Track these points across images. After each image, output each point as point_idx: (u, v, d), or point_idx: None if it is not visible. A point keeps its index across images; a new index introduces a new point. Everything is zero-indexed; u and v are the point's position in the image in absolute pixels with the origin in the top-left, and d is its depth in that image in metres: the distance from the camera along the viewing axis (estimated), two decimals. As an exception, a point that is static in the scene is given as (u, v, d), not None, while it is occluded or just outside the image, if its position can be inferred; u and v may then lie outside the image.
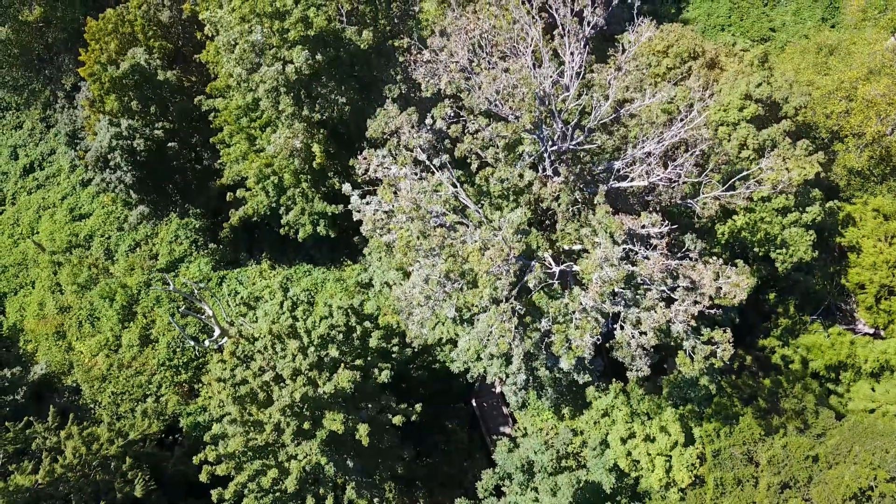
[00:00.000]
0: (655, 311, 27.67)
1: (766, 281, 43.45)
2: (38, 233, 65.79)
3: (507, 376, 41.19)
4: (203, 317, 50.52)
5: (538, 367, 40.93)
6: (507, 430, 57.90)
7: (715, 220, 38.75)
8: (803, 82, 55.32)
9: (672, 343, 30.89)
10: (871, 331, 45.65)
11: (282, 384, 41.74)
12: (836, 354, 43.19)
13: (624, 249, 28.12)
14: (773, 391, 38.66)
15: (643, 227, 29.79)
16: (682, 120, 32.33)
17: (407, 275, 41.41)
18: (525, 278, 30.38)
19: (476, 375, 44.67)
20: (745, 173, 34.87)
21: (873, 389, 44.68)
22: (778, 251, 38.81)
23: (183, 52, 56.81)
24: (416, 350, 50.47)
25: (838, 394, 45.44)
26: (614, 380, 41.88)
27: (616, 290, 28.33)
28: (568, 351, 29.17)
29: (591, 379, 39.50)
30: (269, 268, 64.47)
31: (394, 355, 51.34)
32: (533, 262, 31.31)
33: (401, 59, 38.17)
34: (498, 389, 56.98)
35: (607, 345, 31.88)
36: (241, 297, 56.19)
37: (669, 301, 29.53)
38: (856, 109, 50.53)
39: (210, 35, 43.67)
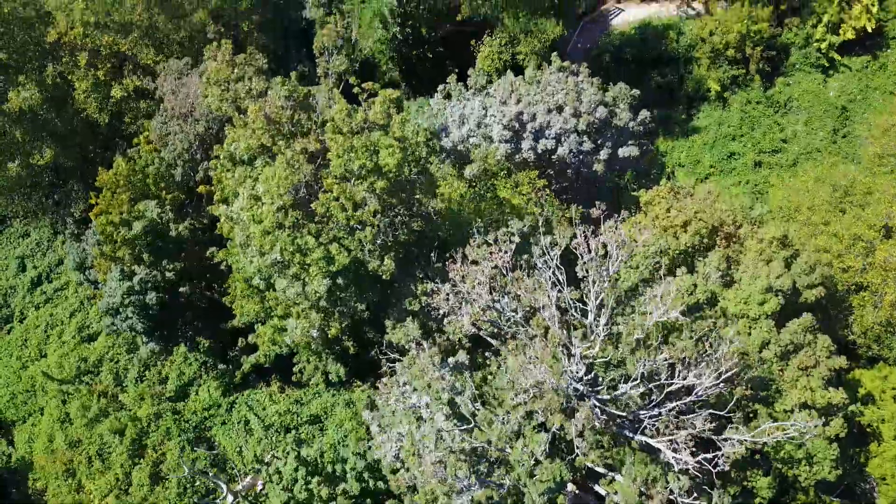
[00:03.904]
0: None
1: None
2: (45, 355, 65.36)
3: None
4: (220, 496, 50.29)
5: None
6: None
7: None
8: (818, 222, 55.05)
9: None
10: (892, 514, 45.32)
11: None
12: (856, 539, 42.94)
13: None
14: None
15: (669, 489, 29.47)
16: (712, 369, 31.92)
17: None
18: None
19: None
20: (767, 426, 34.44)
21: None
22: (801, 468, 38.57)
23: (195, 191, 56.33)
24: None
25: (857, 566, 45.25)
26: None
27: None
28: None
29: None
30: (278, 390, 64.15)
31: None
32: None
33: (423, 298, 37.75)
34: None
35: None
36: (253, 454, 55.69)
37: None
38: (875, 266, 50.24)
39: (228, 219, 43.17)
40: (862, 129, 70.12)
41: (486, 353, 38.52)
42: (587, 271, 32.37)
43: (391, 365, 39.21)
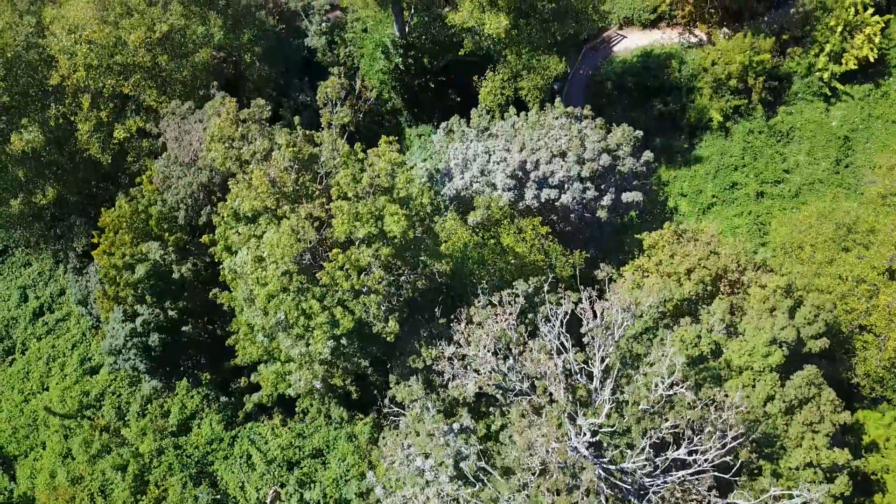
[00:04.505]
0: None
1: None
2: (47, 388, 65.27)
3: None
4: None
5: None
6: None
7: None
8: (822, 261, 54.97)
9: None
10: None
11: None
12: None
13: None
14: None
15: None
16: (717, 433, 31.89)
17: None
18: None
19: None
20: (773, 492, 34.43)
21: None
22: (806, 525, 38.60)
23: (198, 229, 56.14)
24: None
25: None
26: None
27: None
28: None
29: None
30: (280, 423, 64.09)
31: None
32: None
33: (428, 361, 37.73)
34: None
35: None
36: (255, 490, 55.66)
37: None
38: (879, 308, 50.22)
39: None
40: (864, 158, 70.10)
41: (491, 408, 38.48)
42: (593, 337, 32.36)
43: (395, 418, 39.16)
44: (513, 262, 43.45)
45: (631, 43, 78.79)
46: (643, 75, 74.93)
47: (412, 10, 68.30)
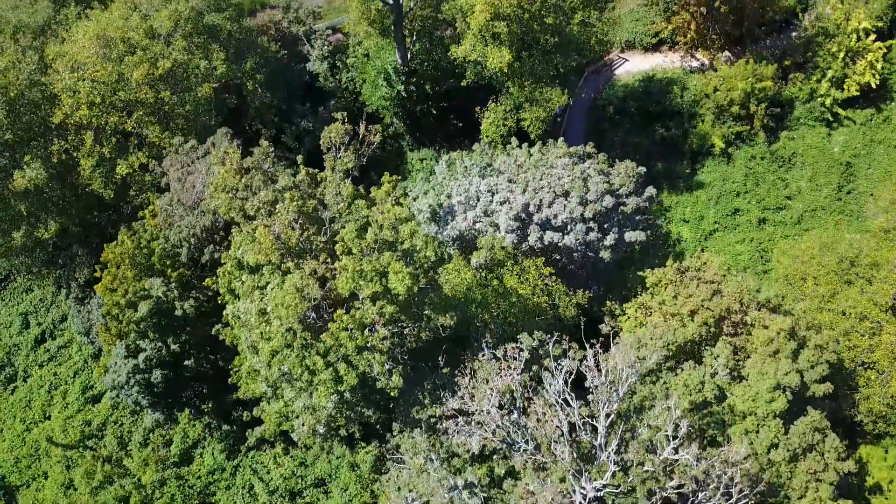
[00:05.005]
0: None
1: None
2: (49, 417, 65.22)
3: None
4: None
5: None
6: None
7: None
8: (824, 294, 54.96)
9: None
10: None
11: None
12: None
13: None
14: None
15: None
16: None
17: None
18: None
19: None
20: None
21: None
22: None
23: (200, 263, 56.08)
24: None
25: None
26: None
27: None
28: None
29: None
30: (282, 451, 64.11)
31: None
32: None
33: (433, 419, 37.78)
34: None
35: None
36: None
37: None
38: (882, 346, 50.20)
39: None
40: (866, 185, 70.06)
41: (494, 455, 38.45)
42: (598, 395, 32.33)
43: (399, 465, 39.12)
44: (516, 302, 43.38)
45: (633, 66, 78.69)
46: (645, 100, 74.87)
47: (413, 37, 68.33)
